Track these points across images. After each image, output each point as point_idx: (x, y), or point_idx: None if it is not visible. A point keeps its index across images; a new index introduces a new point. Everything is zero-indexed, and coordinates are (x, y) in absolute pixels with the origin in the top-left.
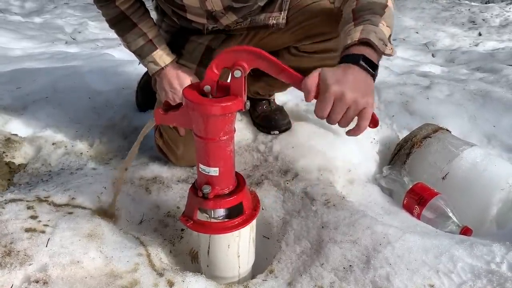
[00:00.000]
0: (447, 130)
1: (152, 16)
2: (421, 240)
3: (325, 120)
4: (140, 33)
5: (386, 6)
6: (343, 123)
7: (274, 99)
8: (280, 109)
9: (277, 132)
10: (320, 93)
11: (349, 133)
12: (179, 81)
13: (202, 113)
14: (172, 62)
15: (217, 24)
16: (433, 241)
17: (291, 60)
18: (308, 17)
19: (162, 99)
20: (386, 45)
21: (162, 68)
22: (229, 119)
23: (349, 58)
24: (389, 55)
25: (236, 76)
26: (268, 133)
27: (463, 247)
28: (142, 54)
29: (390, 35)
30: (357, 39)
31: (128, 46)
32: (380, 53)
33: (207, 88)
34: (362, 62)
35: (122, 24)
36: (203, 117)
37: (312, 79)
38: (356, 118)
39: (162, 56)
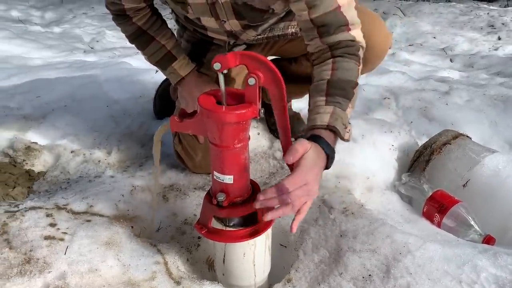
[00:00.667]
0: (467, 136)
1: (171, 25)
2: (442, 249)
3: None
4: (158, 45)
5: (356, 85)
6: (297, 205)
7: (291, 106)
8: (297, 116)
9: (294, 139)
10: (297, 168)
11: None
12: (199, 89)
13: (216, 121)
14: (192, 71)
15: (238, 41)
16: (454, 250)
17: (308, 67)
18: None
19: (183, 107)
20: (345, 129)
21: (183, 78)
22: (244, 126)
23: (324, 145)
24: (347, 140)
25: (250, 84)
26: None
27: (486, 256)
28: (162, 66)
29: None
30: (326, 124)
31: (149, 60)
32: (339, 139)
33: (217, 65)
34: (330, 155)
35: (140, 39)
36: (217, 124)
37: (301, 150)
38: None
39: (182, 66)
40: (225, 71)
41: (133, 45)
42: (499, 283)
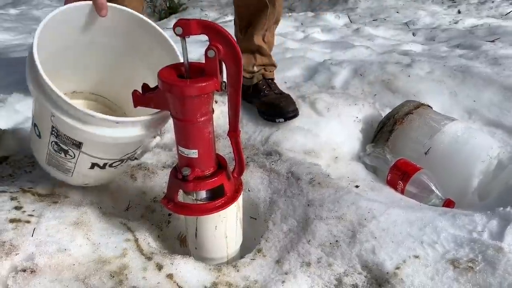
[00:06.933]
0: (429, 106)
1: None
2: (405, 213)
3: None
4: None
5: None
6: None
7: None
8: (288, 96)
9: (283, 119)
10: None
11: None
12: None
13: (177, 95)
14: None
15: None
16: (417, 214)
17: None
18: None
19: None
20: None
21: None
22: (206, 100)
23: None
24: None
25: (209, 56)
26: (274, 121)
27: (446, 218)
28: None
29: None
30: None
31: None
32: None
33: (178, 29)
34: None
35: None
36: (178, 98)
37: None
38: None
39: None
40: (187, 37)
41: None
42: (457, 242)
